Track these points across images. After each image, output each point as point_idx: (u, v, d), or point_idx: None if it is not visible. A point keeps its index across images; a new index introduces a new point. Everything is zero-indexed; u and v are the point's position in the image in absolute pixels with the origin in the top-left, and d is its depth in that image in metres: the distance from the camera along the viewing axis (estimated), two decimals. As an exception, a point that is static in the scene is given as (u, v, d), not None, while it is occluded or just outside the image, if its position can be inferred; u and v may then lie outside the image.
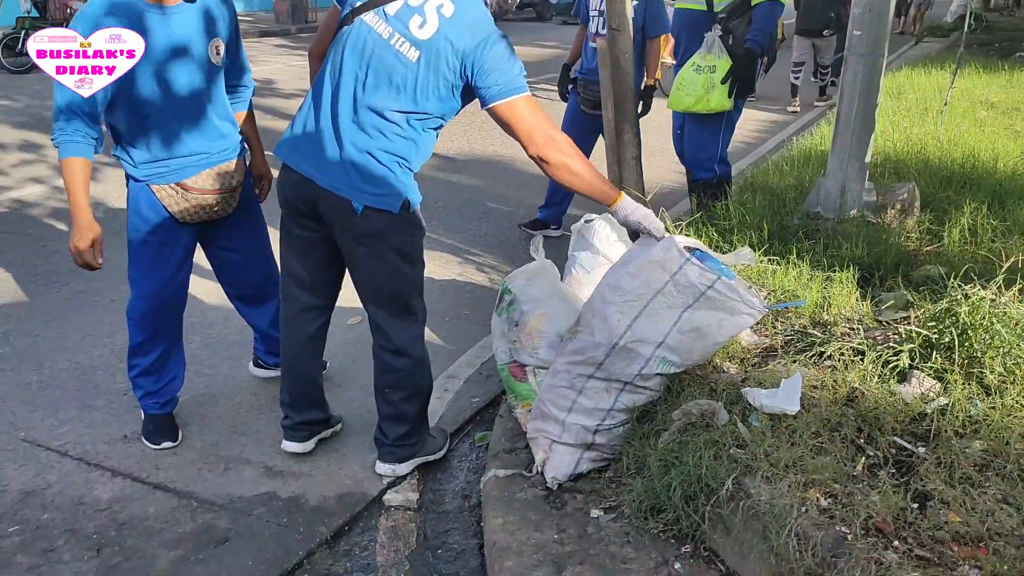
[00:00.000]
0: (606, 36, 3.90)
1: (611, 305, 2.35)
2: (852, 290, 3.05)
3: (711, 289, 2.27)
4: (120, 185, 5.78)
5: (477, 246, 5.02)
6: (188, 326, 3.81)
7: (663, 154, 7.21)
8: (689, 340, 2.32)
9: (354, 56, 2.30)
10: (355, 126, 2.33)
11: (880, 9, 3.64)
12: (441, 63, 2.24)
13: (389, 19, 2.26)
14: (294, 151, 2.42)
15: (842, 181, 3.86)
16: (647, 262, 2.33)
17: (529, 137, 2.25)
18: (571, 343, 2.47)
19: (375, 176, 2.34)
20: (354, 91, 2.31)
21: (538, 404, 2.57)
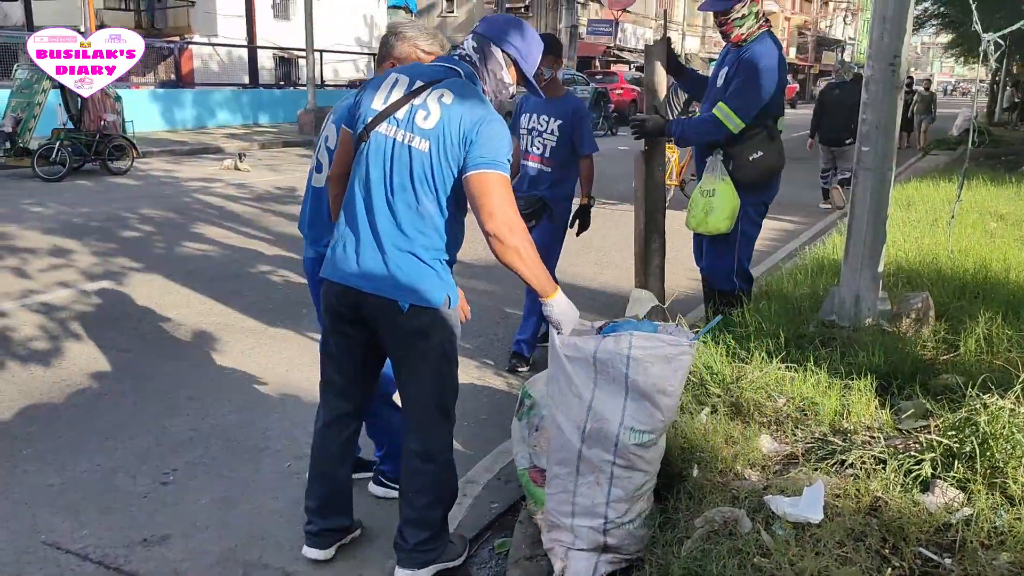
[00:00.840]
0: (641, 151, 4.14)
1: (560, 408, 2.47)
2: (871, 398, 3.07)
3: (632, 349, 2.34)
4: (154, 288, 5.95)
5: (495, 351, 5.07)
6: (208, 429, 3.87)
7: (678, 261, 7.34)
8: (646, 405, 2.36)
9: (377, 165, 2.44)
10: (394, 229, 2.43)
11: (887, 126, 3.79)
12: (449, 145, 2.37)
13: (400, 123, 2.42)
14: (337, 268, 2.52)
15: (856, 290, 3.93)
16: (570, 362, 2.43)
17: (491, 212, 2.33)
18: (551, 450, 2.53)
19: (419, 274, 2.45)
20: (385, 197, 2.43)
21: (547, 515, 2.58)
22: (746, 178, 4.04)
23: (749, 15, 3.93)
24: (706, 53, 48.29)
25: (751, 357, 3.38)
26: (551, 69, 4.40)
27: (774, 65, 3.90)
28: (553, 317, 2.49)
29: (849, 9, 68.58)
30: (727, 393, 3.12)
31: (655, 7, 41.95)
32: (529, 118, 4.57)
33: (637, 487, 2.43)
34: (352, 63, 29.68)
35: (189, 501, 3.27)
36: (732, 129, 3.93)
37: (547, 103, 4.42)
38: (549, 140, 4.50)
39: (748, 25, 3.94)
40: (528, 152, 4.58)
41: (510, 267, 2.40)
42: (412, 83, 2.45)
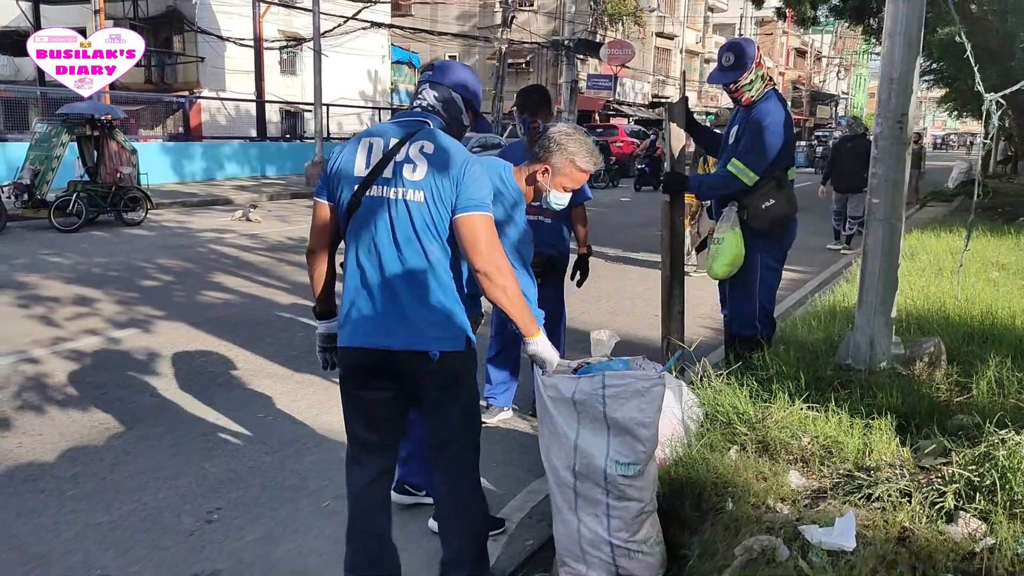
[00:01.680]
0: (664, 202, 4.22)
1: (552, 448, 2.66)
2: (891, 437, 3.21)
3: (606, 388, 2.51)
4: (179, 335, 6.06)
5: (517, 394, 5.20)
6: (246, 470, 3.99)
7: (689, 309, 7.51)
8: (627, 438, 2.54)
9: (377, 226, 2.48)
10: (410, 282, 2.48)
11: (896, 180, 4.00)
12: (442, 190, 2.48)
13: (389, 182, 2.47)
14: (357, 334, 2.52)
15: (870, 335, 4.09)
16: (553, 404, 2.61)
17: (480, 251, 2.44)
18: (551, 487, 2.73)
19: (441, 320, 2.52)
20: (395, 254, 2.47)
21: (559, 552, 2.74)
22: (761, 225, 4.25)
23: (756, 79, 4.20)
24: (703, 107, 49.21)
25: (774, 398, 3.53)
26: (543, 121, 4.33)
27: (780, 120, 4.16)
28: (538, 355, 2.62)
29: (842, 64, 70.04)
30: (754, 432, 3.26)
31: (652, 63, 42.89)
32: None
33: (634, 515, 2.59)
34: (356, 116, 30.29)
35: (234, 539, 3.38)
36: (747, 183, 4.15)
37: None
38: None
39: (756, 88, 4.21)
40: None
41: (497, 304, 2.53)
42: (387, 142, 2.50)
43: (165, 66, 28.21)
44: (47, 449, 4.17)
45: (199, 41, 26.44)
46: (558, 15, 36.00)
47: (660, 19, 42.92)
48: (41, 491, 3.72)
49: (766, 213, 4.22)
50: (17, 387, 5.03)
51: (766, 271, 4.33)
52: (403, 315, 2.48)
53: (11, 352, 5.77)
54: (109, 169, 12.74)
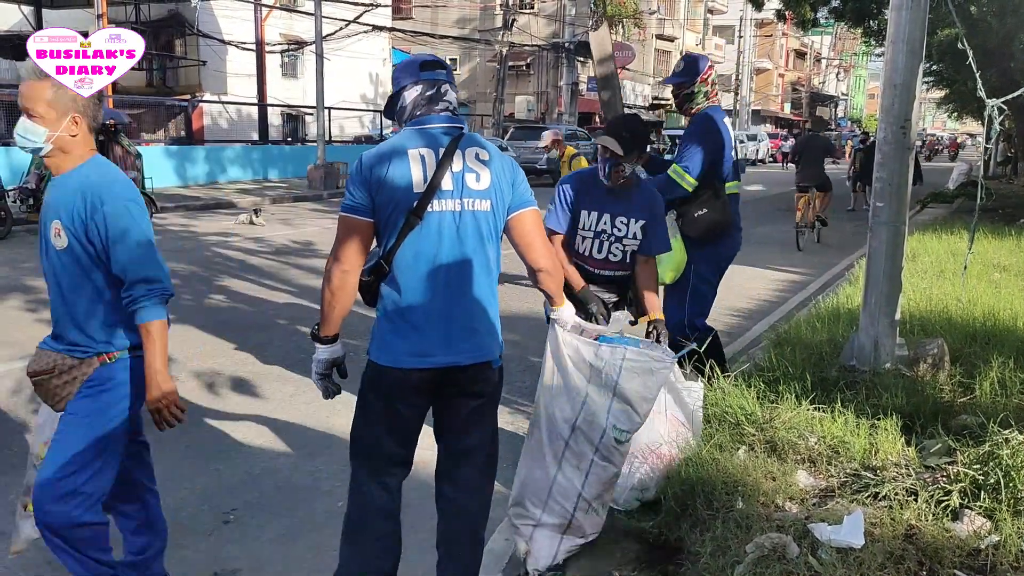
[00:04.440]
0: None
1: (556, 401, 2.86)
2: (897, 437, 3.28)
3: (625, 361, 2.74)
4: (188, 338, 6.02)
5: (524, 397, 5.26)
6: (260, 472, 4.05)
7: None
8: (628, 409, 2.78)
9: (444, 241, 2.39)
10: (477, 295, 2.47)
11: (899, 184, 4.07)
12: (504, 196, 2.51)
13: (452, 194, 2.40)
14: (415, 354, 2.42)
15: (875, 336, 4.16)
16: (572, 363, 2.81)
17: (537, 249, 2.59)
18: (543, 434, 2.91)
19: (496, 326, 2.56)
20: (461, 268, 2.42)
21: (518, 495, 2.94)
22: (695, 233, 4.24)
23: (699, 93, 4.30)
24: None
25: (781, 399, 3.60)
26: (635, 164, 3.57)
27: (714, 129, 4.24)
28: (561, 318, 2.83)
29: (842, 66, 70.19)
30: (762, 432, 3.33)
31: (652, 65, 43.00)
32: (598, 218, 3.57)
33: (610, 477, 2.88)
34: (358, 119, 30.35)
35: (252, 538, 3.44)
36: (686, 188, 4.21)
37: (622, 200, 3.56)
38: (630, 245, 3.59)
39: (698, 102, 4.30)
40: (591, 257, 3.63)
41: (548, 292, 2.70)
42: (437, 152, 2.40)
43: (167, 70, 28.30)
44: (64, 451, 4.23)
45: (201, 45, 26.53)
46: (558, 17, 36.09)
47: (660, 21, 43.03)
48: (60, 492, 3.77)
49: (698, 221, 4.23)
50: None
51: (699, 281, 4.33)
52: (471, 327, 2.46)
53: (23, 356, 5.81)
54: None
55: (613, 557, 2.99)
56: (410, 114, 2.48)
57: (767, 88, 56.13)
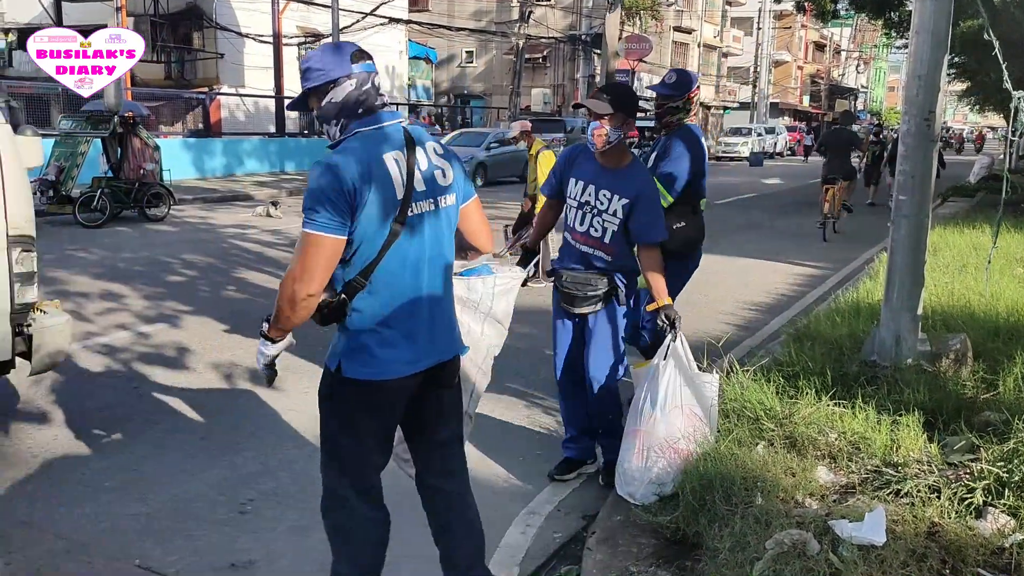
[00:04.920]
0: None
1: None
2: (919, 433, 3.23)
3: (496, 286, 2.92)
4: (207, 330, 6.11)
5: (540, 390, 5.24)
6: (276, 463, 4.06)
7: (709, 304, 7.54)
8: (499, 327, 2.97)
9: (426, 244, 2.38)
10: (448, 290, 2.51)
11: (923, 176, 4.01)
12: (459, 188, 2.50)
13: (426, 195, 2.36)
14: (404, 363, 2.38)
15: (896, 331, 4.11)
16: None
17: (484, 232, 2.63)
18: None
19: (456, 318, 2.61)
20: (438, 267, 2.43)
21: None
22: (672, 246, 4.03)
23: (682, 109, 4.22)
24: (720, 101, 49.01)
25: (801, 395, 3.56)
26: (619, 130, 3.44)
27: (698, 145, 4.18)
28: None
29: (861, 58, 69.53)
30: (781, 428, 3.30)
31: (670, 57, 42.75)
32: (583, 188, 3.55)
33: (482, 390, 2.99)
34: (374, 112, 30.32)
35: (267, 529, 3.44)
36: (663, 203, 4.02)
37: (609, 174, 3.51)
38: (610, 223, 3.51)
39: (679, 116, 4.22)
40: (574, 230, 3.61)
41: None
42: (403, 152, 2.32)
43: (185, 63, 28.41)
44: (83, 441, 4.26)
45: (218, 37, 26.61)
46: (575, 10, 35.96)
47: (678, 13, 42.76)
48: (79, 482, 3.80)
49: (676, 234, 4.10)
50: (52, 381, 5.12)
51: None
52: (449, 323, 2.50)
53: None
54: (132, 165, 12.87)
55: (630, 552, 2.97)
56: (353, 113, 2.30)
57: (786, 80, 55.67)
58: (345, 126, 2.30)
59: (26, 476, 3.82)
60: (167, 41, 27.71)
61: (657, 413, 3.32)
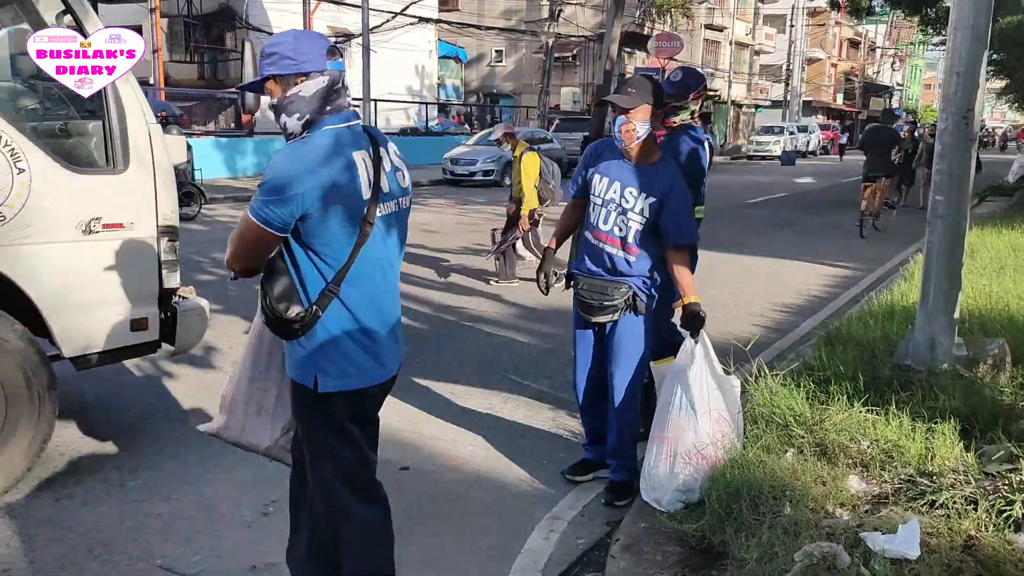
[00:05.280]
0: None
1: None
2: (954, 442, 3.13)
3: None
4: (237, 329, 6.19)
5: (566, 392, 5.18)
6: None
7: (740, 306, 7.43)
8: None
9: (389, 245, 2.34)
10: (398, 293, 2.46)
11: (960, 176, 3.89)
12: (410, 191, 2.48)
13: (390, 196, 2.32)
14: (377, 370, 2.37)
15: (931, 335, 4.00)
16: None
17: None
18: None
19: None
20: (397, 270, 2.42)
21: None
22: None
23: (685, 109, 3.98)
24: (752, 99, 48.51)
25: (832, 400, 3.47)
26: (647, 123, 3.31)
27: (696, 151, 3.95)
28: None
29: (897, 55, 68.43)
30: (811, 435, 3.21)
31: (701, 55, 42.40)
32: (608, 185, 3.43)
33: None
34: (403, 111, 30.45)
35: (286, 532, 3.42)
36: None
37: (637, 171, 3.38)
38: (635, 222, 3.37)
39: (682, 117, 3.99)
40: (597, 228, 3.48)
41: None
42: (369, 153, 2.27)
43: (218, 63, 28.71)
44: (108, 439, 4.28)
45: (250, 37, 26.86)
46: (605, 8, 35.75)
47: (709, 11, 42.37)
48: (104, 480, 3.81)
49: None
50: (78, 378, 5.15)
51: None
52: (399, 327, 2.47)
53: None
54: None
55: (655, 560, 2.91)
56: (320, 109, 2.22)
57: (819, 78, 54.96)
58: (310, 122, 2.22)
59: (52, 474, 3.84)
60: (200, 42, 28.03)
61: (686, 418, 3.25)
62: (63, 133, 3.87)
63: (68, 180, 3.56)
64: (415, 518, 3.56)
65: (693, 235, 3.43)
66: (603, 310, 3.43)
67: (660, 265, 3.45)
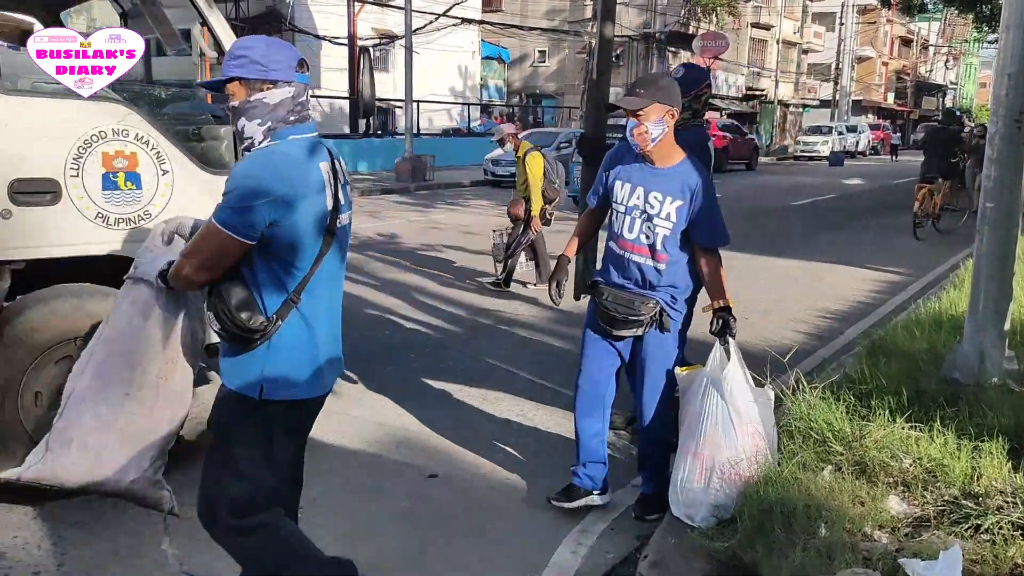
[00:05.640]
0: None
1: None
2: (1003, 461, 2.99)
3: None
4: None
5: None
6: (327, 467, 4.03)
7: (781, 310, 7.26)
8: None
9: (340, 257, 2.35)
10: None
11: (1012, 182, 3.73)
12: None
13: (345, 208, 2.32)
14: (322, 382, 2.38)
15: (980, 347, 3.84)
16: None
17: None
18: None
19: None
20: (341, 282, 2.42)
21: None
22: None
23: (687, 108, 3.77)
24: (799, 99, 47.71)
25: (873, 415, 3.34)
26: (661, 123, 3.14)
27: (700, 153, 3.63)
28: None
29: (951, 54, 66.74)
30: (850, 451, 3.09)
31: (747, 54, 41.83)
32: (631, 191, 3.28)
33: None
34: (446, 112, 30.57)
35: (315, 537, 3.35)
36: None
37: (659, 174, 3.23)
38: (662, 227, 3.22)
39: (683, 116, 3.69)
40: (622, 237, 3.32)
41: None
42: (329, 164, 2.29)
43: (264, 64, 29.10)
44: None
45: (296, 40, 27.17)
46: (649, 7, 35.49)
47: (756, 9, 41.77)
48: (134, 483, 3.83)
49: None
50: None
51: None
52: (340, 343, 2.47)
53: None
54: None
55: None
56: (283, 119, 2.21)
57: (869, 77, 53.84)
58: (272, 129, 2.21)
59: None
60: (247, 43, 28.41)
61: (722, 433, 3.12)
62: (197, 137, 4.14)
63: (203, 180, 3.77)
64: (440, 527, 3.52)
65: (725, 236, 3.27)
66: (627, 324, 3.28)
67: (690, 272, 3.31)
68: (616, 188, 3.32)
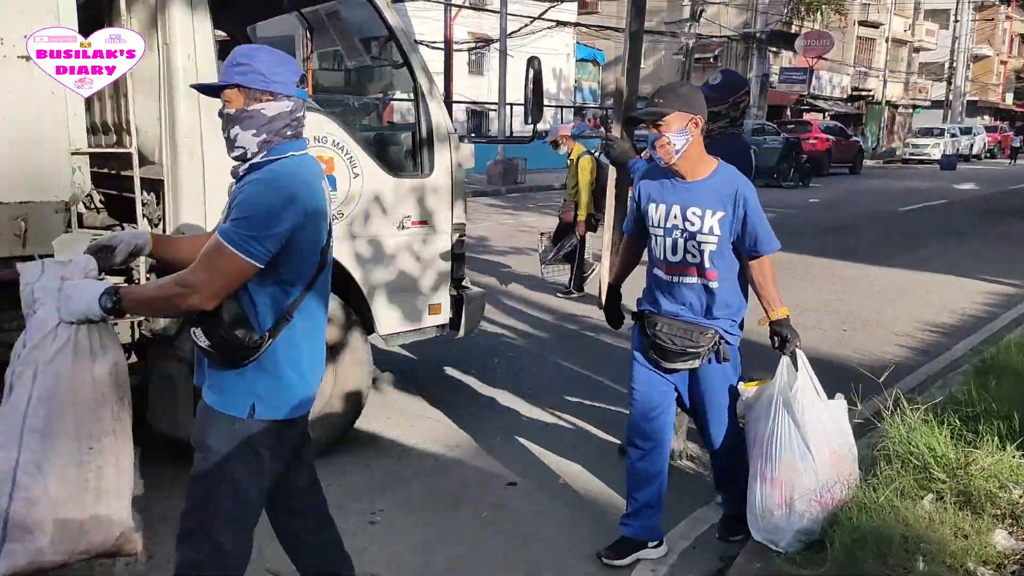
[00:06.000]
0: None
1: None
2: None
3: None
4: None
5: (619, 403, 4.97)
6: (410, 472, 4.04)
7: (882, 324, 6.93)
8: None
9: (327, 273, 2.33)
10: None
11: None
12: None
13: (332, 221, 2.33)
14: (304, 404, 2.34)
15: (1104, 370, 3.54)
16: None
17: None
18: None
19: None
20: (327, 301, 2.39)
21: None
22: None
23: (724, 116, 3.60)
24: (910, 99, 45.71)
25: (980, 441, 3.12)
26: (684, 132, 2.92)
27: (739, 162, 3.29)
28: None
29: (1078, 50, 62.62)
30: (954, 480, 2.90)
31: (853, 53, 40.33)
32: (668, 211, 3.05)
33: None
34: (540, 115, 30.59)
35: (394, 543, 3.43)
36: None
37: (694, 187, 3.01)
38: (708, 243, 2.99)
39: (720, 125, 3.58)
40: (666, 262, 3.09)
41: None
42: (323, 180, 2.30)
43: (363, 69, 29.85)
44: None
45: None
46: (750, 6, 34.63)
47: (864, 6, 40.21)
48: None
49: None
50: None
51: None
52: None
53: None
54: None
55: (767, 606, 2.70)
56: (280, 132, 2.16)
57: (986, 77, 51.07)
58: (269, 142, 2.16)
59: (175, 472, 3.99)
60: (347, 49, 29.19)
61: (800, 459, 2.94)
62: (379, 141, 4.53)
63: (388, 183, 4.16)
64: (518, 538, 3.49)
65: (775, 241, 3.02)
66: (684, 357, 3.07)
67: (741, 285, 3.14)
68: (651, 211, 3.10)
